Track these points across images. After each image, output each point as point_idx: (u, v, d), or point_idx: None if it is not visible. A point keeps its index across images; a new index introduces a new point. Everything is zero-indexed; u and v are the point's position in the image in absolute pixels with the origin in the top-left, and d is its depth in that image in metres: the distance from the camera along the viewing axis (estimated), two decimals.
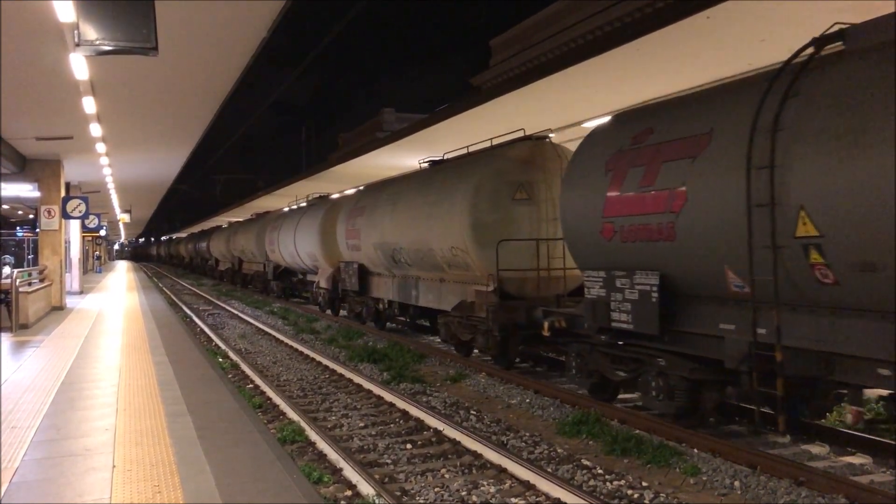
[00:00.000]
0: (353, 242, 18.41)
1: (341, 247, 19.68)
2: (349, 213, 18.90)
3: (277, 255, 27.91)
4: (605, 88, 14.02)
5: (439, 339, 15.03)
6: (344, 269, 19.57)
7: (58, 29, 8.85)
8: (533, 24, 38.38)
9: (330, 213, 21.88)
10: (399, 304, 16.93)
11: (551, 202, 12.06)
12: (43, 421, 7.71)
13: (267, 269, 30.62)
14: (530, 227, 12.21)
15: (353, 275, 18.76)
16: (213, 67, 11.95)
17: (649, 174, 8.25)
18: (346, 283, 19.44)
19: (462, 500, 6.46)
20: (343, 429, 9.06)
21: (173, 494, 5.40)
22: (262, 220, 32.54)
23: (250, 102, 43.46)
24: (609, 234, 8.90)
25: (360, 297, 19.15)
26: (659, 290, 8.12)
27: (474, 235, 12.22)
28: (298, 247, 24.21)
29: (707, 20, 9.80)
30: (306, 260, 24.11)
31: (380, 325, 18.44)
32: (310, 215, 23.54)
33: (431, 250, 13.75)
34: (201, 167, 59.68)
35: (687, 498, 6.51)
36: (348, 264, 19.20)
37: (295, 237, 24.49)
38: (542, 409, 9.83)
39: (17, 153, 19.04)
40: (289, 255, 26.11)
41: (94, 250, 53.87)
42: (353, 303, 19.93)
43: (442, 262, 13.52)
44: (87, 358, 12.02)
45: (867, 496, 6.22)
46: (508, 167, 12.37)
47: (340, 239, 19.59)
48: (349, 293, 19.92)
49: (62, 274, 21.56)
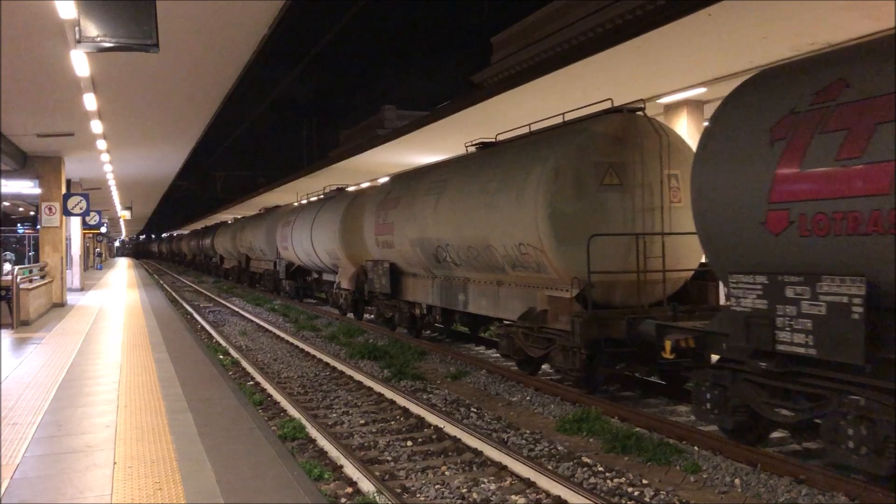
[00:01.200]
0: (384, 239, 16.16)
1: (369, 244, 17.40)
2: (379, 205, 16.53)
3: (290, 252, 25.77)
4: (606, 86, 14.01)
5: (497, 353, 12.71)
6: (372, 269, 17.23)
7: (59, 25, 8.85)
8: (534, 21, 38.33)
9: (353, 206, 19.95)
10: (441, 310, 14.63)
11: (647, 188, 10.14)
12: (44, 417, 7.72)
13: (278, 268, 28.36)
14: (622, 219, 10.08)
15: (383, 275, 16.51)
16: (214, 64, 11.95)
17: (853, 141, 6.14)
18: (375, 284, 17.11)
19: (462, 498, 6.47)
20: (344, 426, 9.06)
21: (174, 491, 5.41)
22: (273, 216, 30.55)
23: (251, 100, 43.54)
24: (779, 226, 6.76)
25: (392, 300, 16.86)
26: (865, 304, 6.01)
27: (553, 229, 10.02)
28: (316, 244, 22.14)
29: (708, 17, 9.80)
30: (324, 258, 22.06)
31: (414, 333, 16.33)
32: (329, 209, 21.51)
33: (490, 248, 11.62)
34: (202, 164, 59.73)
35: (687, 496, 6.52)
36: (377, 263, 16.89)
37: (312, 233, 22.35)
38: (543, 407, 9.84)
39: (18, 150, 19.05)
40: (304, 253, 24.11)
41: (95, 247, 53.92)
42: (383, 307, 17.53)
43: (503, 262, 11.42)
44: (88, 355, 12.03)
45: (867, 494, 6.22)
46: (595, 145, 10.12)
47: (368, 235, 17.31)
48: (378, 296, 17.55)
49: (63, 271, 21.58)
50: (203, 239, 54.55)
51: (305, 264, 25.26)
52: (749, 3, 9.25)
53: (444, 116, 17.53)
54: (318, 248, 22.07)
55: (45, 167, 20.71)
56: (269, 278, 31.45)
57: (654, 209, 10.18)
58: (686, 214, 9.30)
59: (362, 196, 20.25)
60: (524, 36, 39.15)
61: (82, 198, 22.18)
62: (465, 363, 13.17)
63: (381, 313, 17.80)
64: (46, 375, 10.12)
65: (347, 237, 19.75)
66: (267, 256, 31.06)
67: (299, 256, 25.01)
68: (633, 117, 10.51)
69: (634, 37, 10.86)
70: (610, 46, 11.47)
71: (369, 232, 17.15)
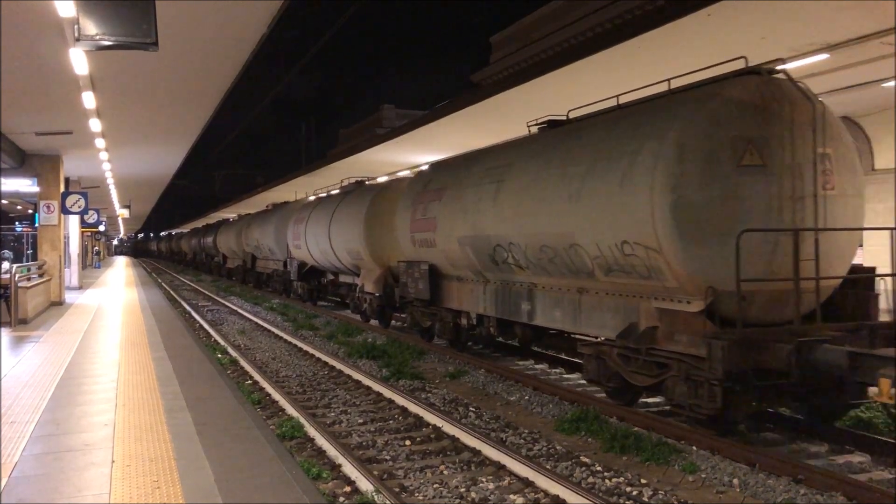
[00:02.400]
0: (422, 237, 13.94)
1: (402, 242, 15.18)
2: (416, 198, 14.34)
3: (304, 251, 23.64)
4: (605, 84, 14.02)
5: (583, 377, 10.37)
6: (406, 272, 15.08)
7: (58, 24, 8.84)
8: (533, 20, 38.35)
9: (380, 200, 17.76)
10: (497, 322, 12.35)
11: (796, 171, 8.00)
12: (42, 416, 7.71)
13: (289, 268, 26.12)
14: (764, 210, 7.93)
15: (420, 279, 14.36)
16: (213, 63, 11.94)
17: None
18: (409, 288, 14.95)
19: (461, 497, 6.47)
20: (342, 425, 9.06)
21: (172, 490, 5.40)
22: (283, 212, 28.20)
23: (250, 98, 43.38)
24: None
25: (430, 307, 14.57)
26: None
27: (676, 223, 7.88)
28: (335, 242, 19.96)
29: (708, 17, 9.81)
30: (344, 258, 19.82)
31: (458, 347, 14.12)
32: (350, 204, 19.36)
33: (575, 248, 9.40)
34: (201, 163, 59.77)
35: (685, 495, 6.52)
36: (413, 265, 14.75)
37: (330, 231, 20.13)
38: (541, 406, 9.84)
39: (17, 148, 19.03)
40: (320, 253, 21.90)
41: (94, 245, 53.88)
42: (419, 314, 15.16)
43: (593, 266, 9.21)
44: (87, 353, 12.02)
45: (865, 494, 6.23)
46: (729, 114, 7.96)
47: (402, 233, 15.06)
48: (413, 302, 15.19)
49: (61, 269, 21.55)
50: (204, 237, 52.33)
51: (321, 265, 23.08)
52: (749, 3, 9.26)
53: (443, 116, 17.56)
54: (338, 248, 19.93)
55: (44, 165, 20.70)
56: (278, 279, 29.35)
57: (805, 197, 8.02)
58: (841, 205, 8.12)
59: (391, 188, 18.07)
60: (523, 35, 39.17)
61: (81, 196, 22.16)
62: (464, 362, 13.17)
63: (416, 322, 15.40)
64: (45, 374, 10.11)
65: (373, 235, 17.64)
66: (276, 256, 28.96)
67: (314, 256, 22.87)
68: (774, 81, 8.28)
69: (633, 36, 10.88)
70: (608, 47, 11.49)
71: (403, 229, 14.96)
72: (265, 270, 32.33)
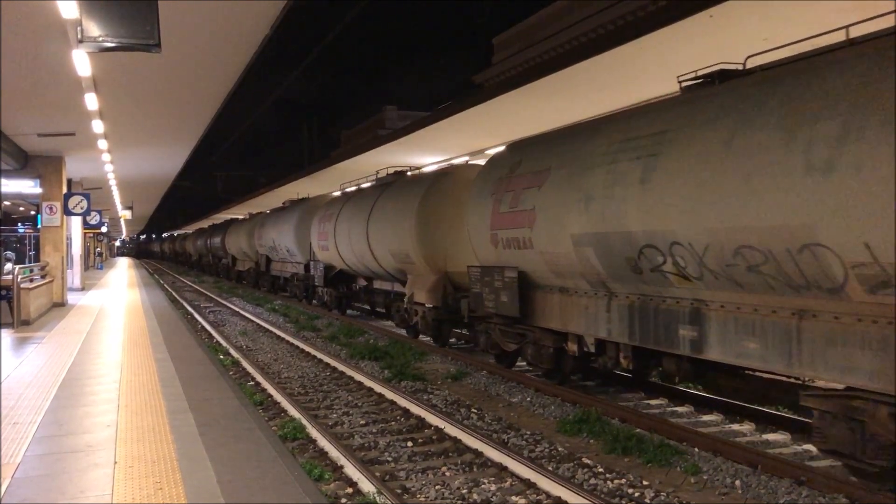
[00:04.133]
0: (510, 234, 10.83)
1: (476, 242, 12.13)
2: (500, 185, 11.29)
3: (332, 253, 20.65)
4: (606, 87, 14.03)
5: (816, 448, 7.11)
6: (481, 280, 11.92)
7: (61, 25, 8.86)
8: (535, 22, 38.37)
9: (436, 191, 14.92)
10: (633, 351, 9.08)
11: None
12: (45, 417, 7.72)
13: (314, 272, 23.03)
14: None
15: (505, 289, 11.21)
16: (215, 65, 11.96)
17: None
18: (485, 300, 11.79)
19: (463, 498, 6.47)
20: (344, 426, 9.07)
21: (175, 491, 5.41)
22: (304, 208, 25.66)
23: (253, 100, 43.33)
24: None
25: (516, 326, 11.40)
26: None
27: None
28: (374, 243, 17.07)
29: (710, 18, 9.81)
30: (386, 261, 16.82)
31: (557, 378, 10.99)
32: (393, 197, 16.51)
33: (814, 248, 6.33)
34: (204, 164, 59.74)
35: (687, 497, 6.52)
36: (492, 271, 11.53)
37: (368, 229, 17.26)
38: (543, 408, 9.84)
39: (20, 149, 19.07)
40: (353, 255, 18.88)
41: (96, 247, 53.96)
42: (500, 335, 11.96)
43: (850, 276, 6.15)
44: (89, 354, 12.03)
45: (868, 496, 6.22)
46: None
47: (476, 230, 11.97)
48: (493, 319, 12.03)
49: (63, 270, 21.59)
50: (212, 237, 49.03)
51: (353, 268, 19.88)
52: (750, 3, 9.26)
53: (445, 117, 17.57)
54: (378, 249, 16.96)
55: (47, 167, 20.73)
56: (298, 284, 26.29)
57: None
58: None
59: (450, 177, 15.28)
60: (525, 37, 39.18)
61: (83, 197, 22.20)
62: (466, 364, 13.17)
63: (499, 342, 12.08)
64: (47, 375, 10.12)
65: (427, 234, 14.72)
66: (295, 258, 26.13)
67: (345, 259, 19.78)
68: None
69: (637, 37, 10.88)
70: (612, 47, 11.48)
71: (478, 226, 11.86)
72: (282, 274, 29.27)
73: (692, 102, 8.14)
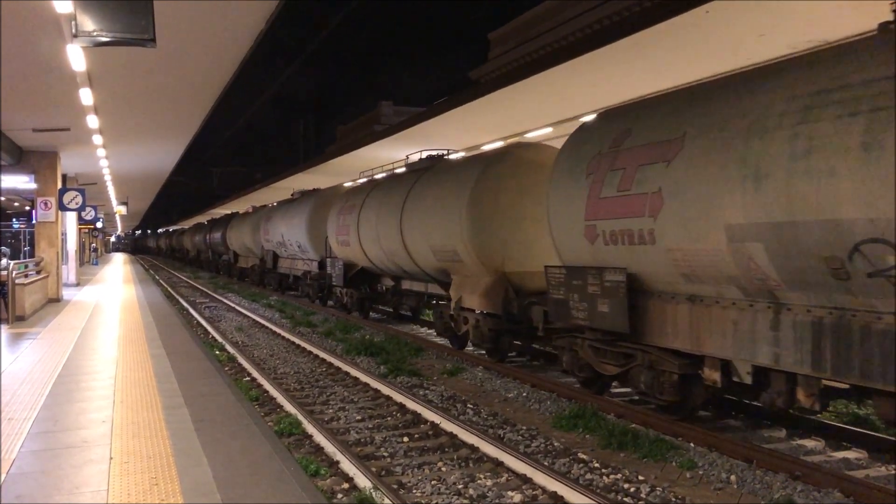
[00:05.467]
0: (616, 226, 8.49)
1: (560, 236, 9.80)
2: (601, 161, 8.88)
3: (354, 249, 18.52)
4: (604, 83, 14.03)
5: None
6: (567, 283, 9.54)
7: (55, 20, 8.82)
8: (532, 17, 38.35)
9: (492, 176, 12.48)
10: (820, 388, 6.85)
11: None
12: (40, 412, 7.71)
13: (331, 270, 20.71)
14: None
15: (607, 296, 8.79)
16: (211, 60, 11.93)
17: None
18: (574, 311, 9.45)
19: (459, 494, 6.47)
20: (340, 422, 9.07)
21: (170, 486, 5.41)
22: (317, 200, 23.52)
23: (248, 95, 43.18)
24: None
25: (623, 344, 8.95)
26: None
27: None
28: (410, 237, 14.96)
29: (706, 14, 9.81)
30: (425, 259, 14.57)
31: (682, 413, 8.58)
32: (434, 185, 14.26)
33: None
34: (199, 160, 59.68)
35: (683, 492, 6.53)
36: (585, 273, 9.19)
37: (402, 222, 15.12)
38: (539, 403, 9.85)
39: (14, 144, 19.00)
40: (381, 251, 16.76)
41: (91, 242, 53.82)
42: (597, 354, 9.50)
43: None
44: (84, 350, 12.01)
45: (863, 491, 6.24)
46: None
47: (564, 222, 9.60)
48: (586, 334, 9.61)
49: (59, 266, 21.54)
50: (211, 233, 46.31)
51: (379, 267, 17.79)
52: (746, 1, 9.26)
53: (441, 112, 17.55)
54: (415, 245, 14.80)
55: (41, 162, 20.67)
56: (312, 283, 24.02)
57: None
58: None
59: (511, 159, 12.70)
60: (521, 32, 39.16)
61: (78, 193, 22.11)
62: (462, 359, 13.18)
63: (585, 364, 9.77)
64: (42, 371, 10.10)
65: (481, 227, 12.37)
66: (308, 254, 24.11)
67: (369, 256, 17.67)
68: None
69: (632, 33, 10.87)
70: (607, 43, 11.47)
71: (566, 216, 9.52)
72: (292, 272, 26.90)
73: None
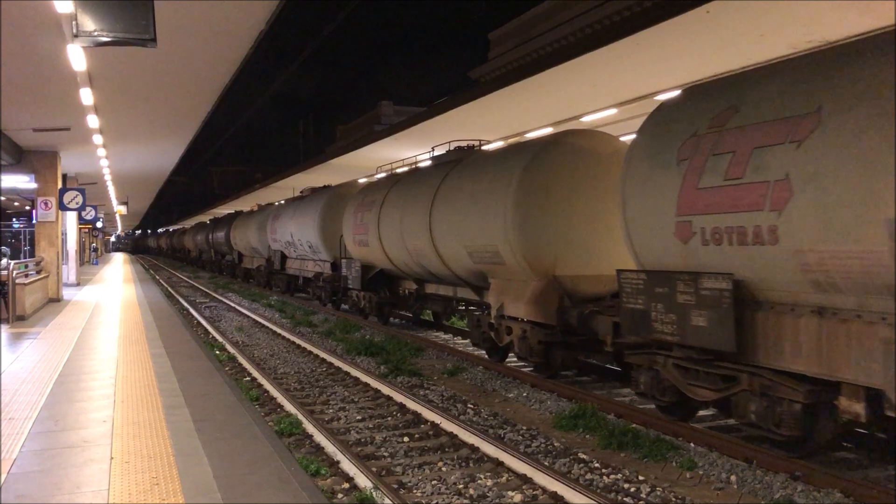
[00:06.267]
0: (725, 223, 7.07)
1: (641, 235, 8.38)
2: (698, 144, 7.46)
3: (373, 249, 16.97)
4: (605, 82, 14.03)
5: None
6: (649, 291, 8.08)
7: (56, 20, 8.83)
8: (532, 17, 38.34)
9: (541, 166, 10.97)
10: None
11: None
12: (41, 412, 7.72)
13: (346, 272, 19.30)
14: None
15: (705, 307, 7.29)
16: (211, 60, 11.94)
17: None
18: (657, 323, 7.97)
19: (459, 494, 6.47)
20: (340, 422, 9.07)
21: (171, 486, 5.41)
22: (328, 197, 22.14)
23: (249, 95, 43.17)
24: None
25: (724, 364, 7.49)
26: None
27: None
28: (441, 236, 13.37)
29: (707, 14, 9.82)
30: (458, 261, 13.04)
31: (802, 451, 7.17)
32: (470, 177, 12.71)
33: None
34: (199, 159, 59.65)
35: (683, 492, 6.53)
36: (674, 279, 7.68)
37: (431, 219, 13.62)
38: (539, 403, 9.85)
39: (14, 144, 19.00)
40: (405, 251, 15.29)
41: (91, 242, 53.84)
42: (685, 374, 8.03)
43: None
44: (85, 349, 12.01)
45: (863, 491, 6.24)
46: None
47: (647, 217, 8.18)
48: (673, 351, 8.06)
49: (59, 265, 21.55)
50: (214, 232, 44.70)
51: (401, 268, 16.37)
52: (747, 1, 9.27)
53: (441, 112, 17.57)
54: (446, 244, 13.32)
55: (41, 162, 20.69)
56: (324, 286, 22.65)
57: None
58: None
59: (563, 148, 11.09)
60: (521, 32, 39.15)
61: (78, 192, 22.13)
62: (462, 359, 13.18)
63: (668, 387, 8.32)
64: (43, 370, 10.11)
65: (530, 225, 10.89)
66: (319, 255, 22.89)
67: (391, 256, 16.33)
68: None
69: (633, 33, 10.88)
70: (608, 43, 11.48)
71: (649, 211, 8.07)
72: (301, 273, 25.48)
73: None
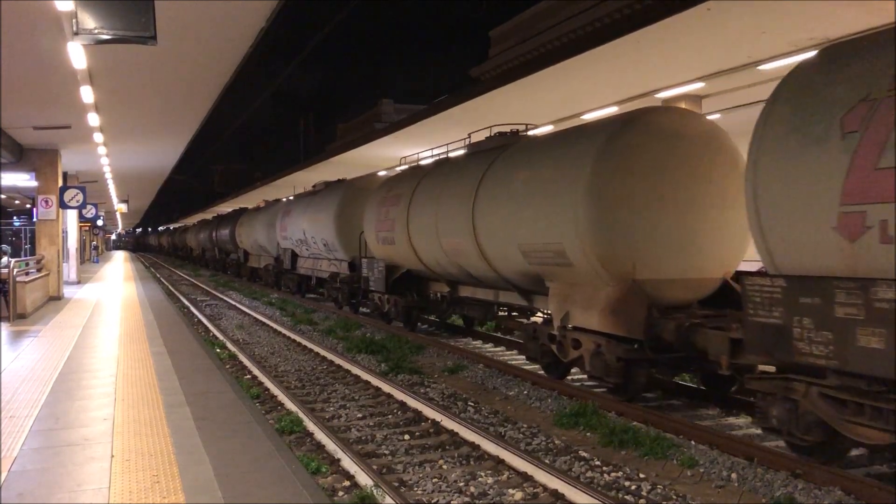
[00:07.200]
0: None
1: (780, 230, 6.61)
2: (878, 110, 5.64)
3: (401, 248, 15.29)
4: (605, 80, 14.02)
5: None
6: (790, 302, 6.36)
7: (56, 17, 8.83)
8: (533, 15, 38.29)
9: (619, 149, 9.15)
10: None
11: None
12: (41, 410, 7.72)
13: (367, 272, 17.31)
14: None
15: (876, 325, 5.57)
16: (211, 57, 11.93)
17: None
18: (804, 344, 6.23)
19: (460, 491, 6.47)
20: (341, 419, 9.07)
21: (172, 484, 5.41)
22: (345, 190, 20.46)
23: (249, 93, 43.18)
24: None
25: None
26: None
27: None
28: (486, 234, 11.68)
29: (707, 12, 9.81)
30: (507, 260, 11.31)
31: None
32: (524, 165, 10.99)
33: None
34: (200, 157, 59.73)
35: (684, 490, 6.53)
36: (833, 288, 5.97)
37: (474, 214, 12.00)
38: (540, 401, 9.85)
39: (15, 142, 19.00)
40: (440, 250, 13.57)
41: (92, 240, 53.86)
42: (840, 409, 6.34)
43: None
44: (85, 348, 12.02)
45: (863, 488, 6.24)
46: None
47: (793, 207, 6.42)
48: (827, 378, 6.28)
49: (59, 264, 21.56)
50: (218, 230, 42.75)
51: (433, 269, 14.63)
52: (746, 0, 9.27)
53: (441, 110, 17.57)
54: (493, 243, 11.59)
55: (42, 160, 20.69)
56: (342, 287, 20.67)
57: None
58: None
59: (643, 128, 9.24)
60: (522, 30, 39.10)
61: (79, 191, 22.14)
62: (462, 357, 13.18)
63: (815, 422, 6.65)
64: (44, 368, 10.11)
65: (608, 220, 9.17)
66: (336, 254, 21.02)
67: (422, 256, 14.62)
68: None
69: (634, 30, 10.88)
70: (609, 40, 11.48)
71: (793, 198, 6.40)
72: (315, 273, 23.72)
73: None
